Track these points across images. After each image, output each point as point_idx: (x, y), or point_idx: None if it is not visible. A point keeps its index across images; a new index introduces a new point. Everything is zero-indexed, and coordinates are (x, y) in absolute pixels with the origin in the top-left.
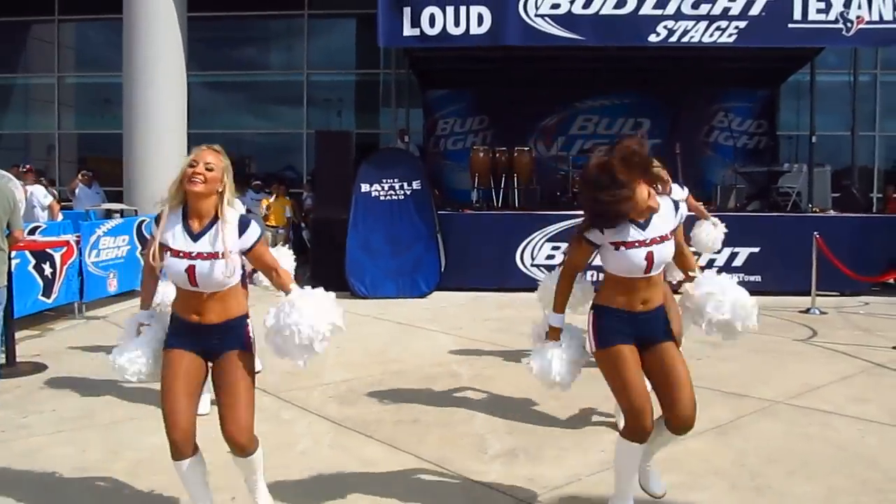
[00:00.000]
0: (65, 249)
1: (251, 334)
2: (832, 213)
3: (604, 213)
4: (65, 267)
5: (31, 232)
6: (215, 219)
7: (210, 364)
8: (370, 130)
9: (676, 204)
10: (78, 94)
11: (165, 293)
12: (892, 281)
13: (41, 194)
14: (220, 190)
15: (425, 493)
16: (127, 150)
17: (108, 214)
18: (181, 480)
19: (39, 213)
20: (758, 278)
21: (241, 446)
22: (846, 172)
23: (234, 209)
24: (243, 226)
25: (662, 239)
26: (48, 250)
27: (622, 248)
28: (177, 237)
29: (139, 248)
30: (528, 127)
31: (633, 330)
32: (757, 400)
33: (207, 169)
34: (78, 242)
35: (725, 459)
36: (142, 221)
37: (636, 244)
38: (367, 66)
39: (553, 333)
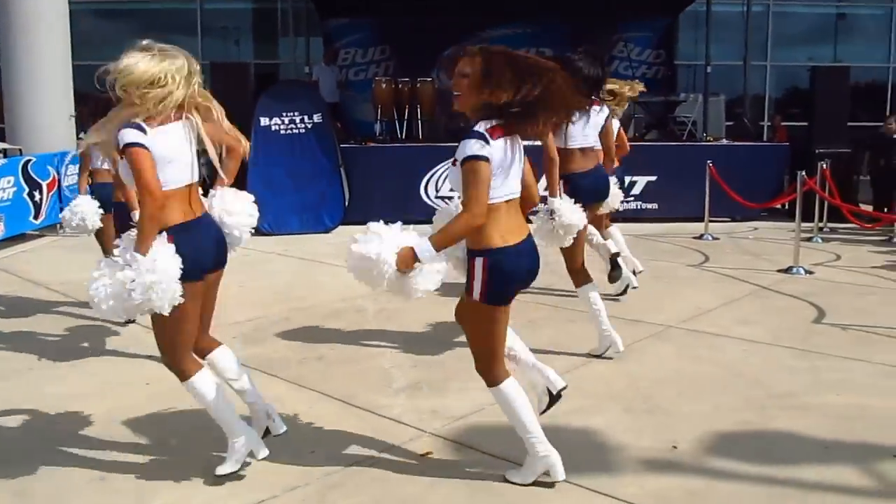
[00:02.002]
0: None
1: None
2: (725, 141)
3: None
4: None
5: None
6: None
7: None
8: (269, 61)
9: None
10: None
11: None
12: (779, 206)
13: None
14: None
15: (331, 428)
16: (6, 85)
17: None
18: (210, 394)
19: None
20: (655, 206)
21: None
22: (739, 102)
23: None
24: None
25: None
26: None
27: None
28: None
29: (26, 189)
30: (432, 57)
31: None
32: (651, 325)
33: None
34: None
35: (620, 384)
36: (28, 161)
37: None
38: None
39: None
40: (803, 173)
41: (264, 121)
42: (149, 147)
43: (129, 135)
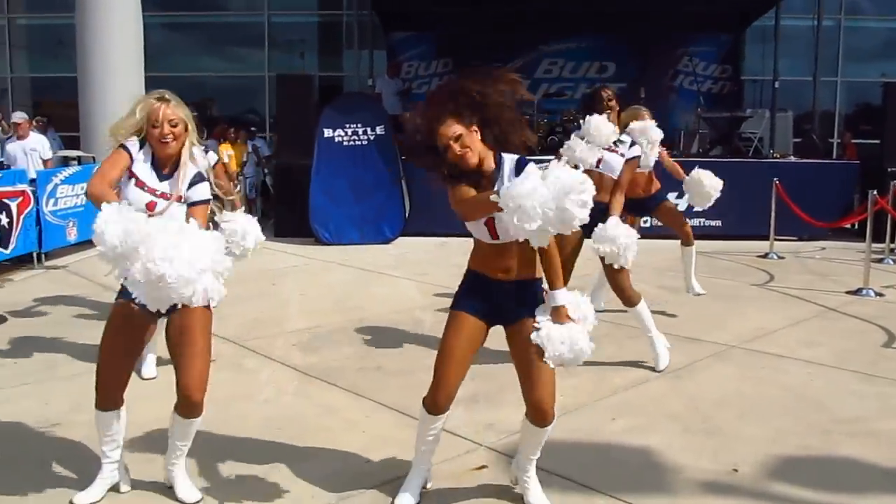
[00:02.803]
0: (21, 199)
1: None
2: (792, 158)
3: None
4: (22, 216)
5: None
6: (178, 165)
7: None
8: (333, 73)
9: (521, 163)
10: (30, 36)
11: None
12: (848, 226)
13: (47, 146)
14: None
15: (386, 438)
16: (82, 96)
17: (66, 162)
18: (98, 427)
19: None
20: (718, 223)
21: (196, 403)
22: (807, 118)
23: (195, 162)
24: (195, 181)
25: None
26: (4, 200)
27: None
28: (144, 170)
29: None
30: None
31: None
32: (712, 344)
33: (172, 125)
34: (34, 191)
35: (678, 403)
36: None
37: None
38: (330, 6)
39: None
40: (874, 192)
41: (328, 132)
42: None
43: None
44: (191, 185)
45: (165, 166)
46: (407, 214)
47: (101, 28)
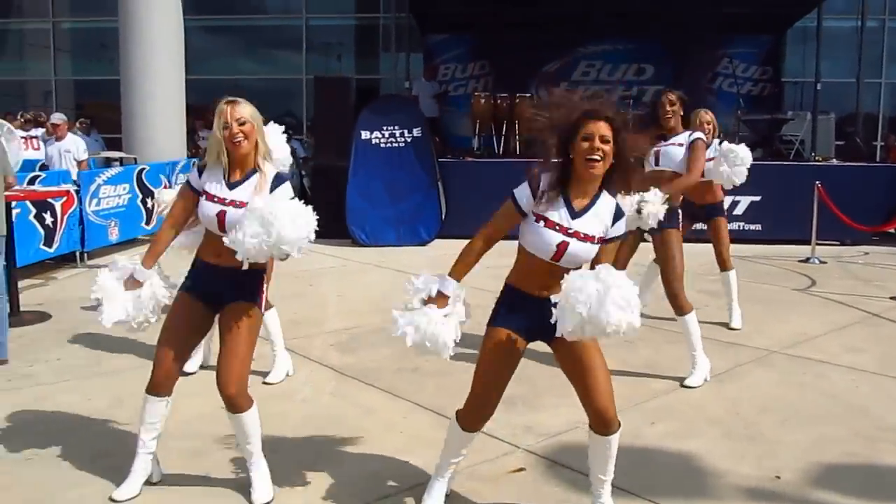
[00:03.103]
0: (65, 199)
1: (263, 289)
2: (835, 161)
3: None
4: (65, 216)
5: (31, 182)
6: (254, 170)
7: (217, 315)
8: (370, 76)
9: (620, 214)
10: (74, 39)
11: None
12: (892, 230)
13: (82, 148)
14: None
15: (423, 439)
16: (125, 97)
17: (108, 163)
18: (142, 413)
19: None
20: (758, 227)
21: (230, 397)
22: (850, 120)
23: (270, 162)
24: (276, 182)
25: (585, 238)
26: (48, 200)
27: (542, 222)
28: (213, 185)
29: (139, 196)
30: (530, 73)
31: (528, 315)
32: (753, 349)
33: (241, 124)
34: (78, 191)
35: (720, 408)
36: (142, 169)
37: (556, 227)
38: (367, 9)
39: (440, 301)
40: None
41: (365, 134)
42: None
43: None
44: (273, 188)
45: (237, 171)
46: (443, 216)
47: (143, 31)
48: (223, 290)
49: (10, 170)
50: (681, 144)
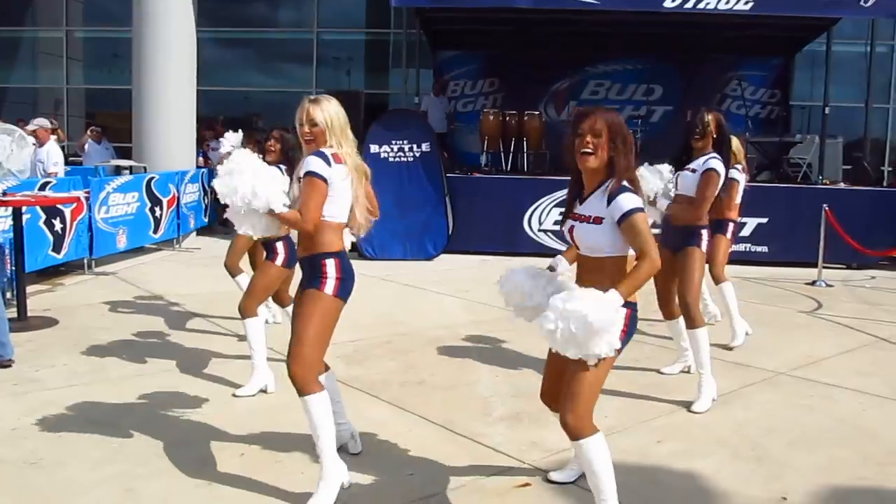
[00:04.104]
0: (74, 205)
1: (329, 273)
2: (842, 185)
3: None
4: (74, 223)
5: (42, 188)
6: None
7: None
8: (380, 91)
9: (614, 195)
10: (86, 48)
11: None
12: None
13: (52, 160)
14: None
15: (431, 453)
16: (136, 107)
17: (118, 171)
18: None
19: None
20: (764, 249)
21: (290, 377)
22: (858, 145)
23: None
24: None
25: (584, 219)
26: (58, 206)
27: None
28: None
29: (148, 204)
30: (540, 91)
31: None
32: (760, 371)
33: (312, 125)
34: (87, 198)
35: (726, 429)
36: (151, 178)
37: (570, 215)
38: (378, 24)
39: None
40: None
41: (374, 148)
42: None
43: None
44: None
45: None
46: (450, 231)
47: (156, 41)
48: (306, 277)
49: None
50: (694, 171)
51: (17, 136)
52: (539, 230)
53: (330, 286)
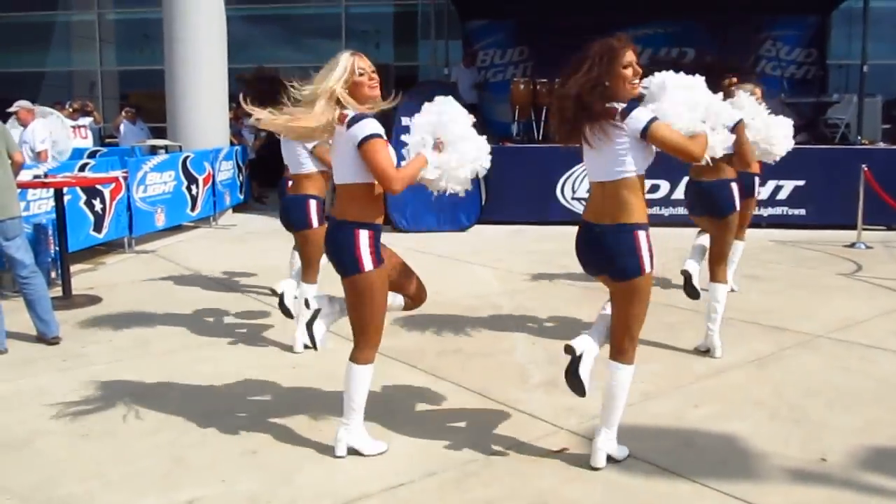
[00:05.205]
0: (113, 185)
1: (361, 248)
2: (882, 145)
3: None
4: (114, 203)
5: (81, 168)
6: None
7: None
8: (409, 63)
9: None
10: (118, 30)
11: None
12: None
13: (38, 138)
14: None
15: (468, 419)
16: (169, 86)
17: (153, 150)
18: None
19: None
20: (802, 211)
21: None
22: None
23: None
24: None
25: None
26: (98, 186)
27: None
28: None
29: (185, 183)
30: (570, 58)
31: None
32: (797, 333)
33: (373, 72)
34: (126, 178)
35: (764, 391)
36: (186, 157)
37: None
38: None
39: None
40: None
41: (405, 120)
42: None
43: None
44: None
45: None
46: (483, 202)
47: (187, 21)
48: None
49: (14, 146)
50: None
51: (55, 119)
52: (573, 198)
53: (358, 256)
